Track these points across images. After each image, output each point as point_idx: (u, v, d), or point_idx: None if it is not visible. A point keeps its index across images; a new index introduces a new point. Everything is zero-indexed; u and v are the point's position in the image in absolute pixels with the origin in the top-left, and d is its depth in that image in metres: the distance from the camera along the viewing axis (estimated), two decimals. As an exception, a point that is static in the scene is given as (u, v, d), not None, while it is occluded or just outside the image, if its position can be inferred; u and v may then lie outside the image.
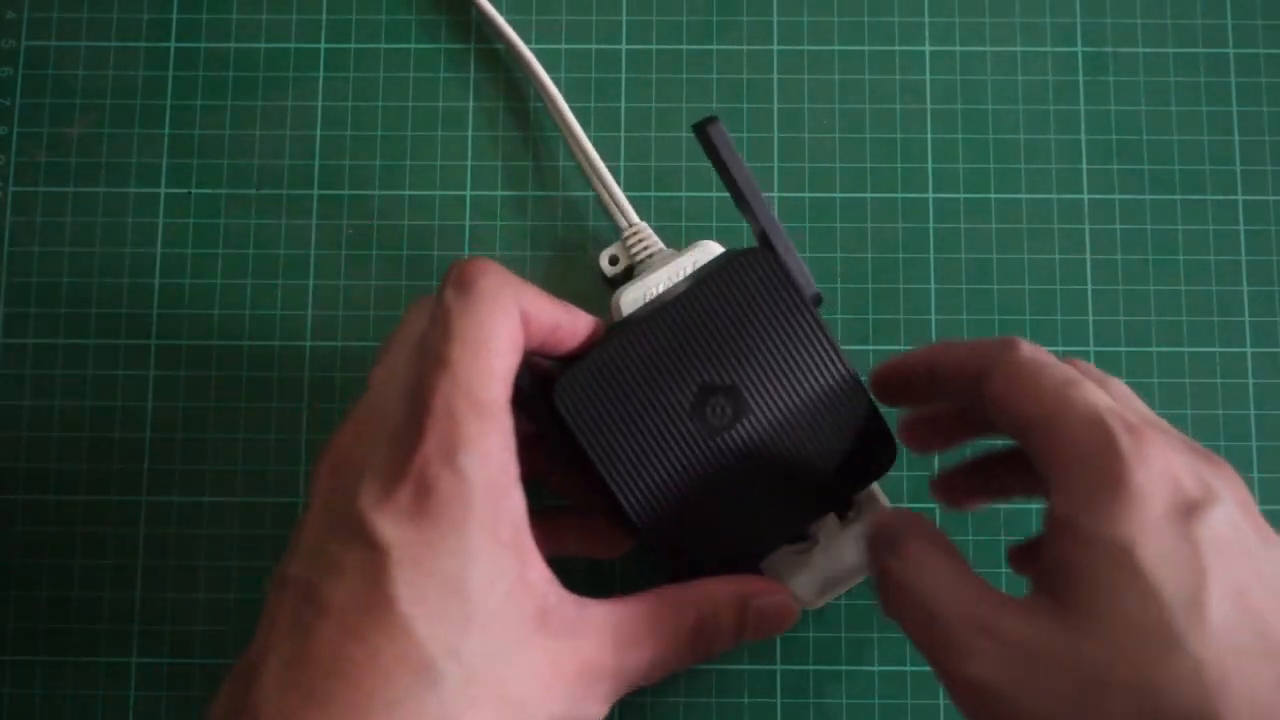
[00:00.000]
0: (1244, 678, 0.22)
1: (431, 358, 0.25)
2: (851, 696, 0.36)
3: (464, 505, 0.24)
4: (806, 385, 0.29)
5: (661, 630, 0.27)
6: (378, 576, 0.23)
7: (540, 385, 0.29)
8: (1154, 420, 0.26)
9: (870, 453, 0.29)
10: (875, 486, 0.33)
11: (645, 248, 0.36)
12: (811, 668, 0.36)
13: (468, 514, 0.24)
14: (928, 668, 0.36)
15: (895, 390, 0.30)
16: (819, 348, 0.29)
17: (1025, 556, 0.31)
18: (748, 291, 0.29)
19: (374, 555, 0.23)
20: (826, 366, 0.29)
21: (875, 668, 0.36)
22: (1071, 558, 0.23)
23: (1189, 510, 0.23)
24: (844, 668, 0.36)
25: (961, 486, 0.32)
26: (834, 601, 0.36)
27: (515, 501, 0.25)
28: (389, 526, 0.23)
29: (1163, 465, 0.23)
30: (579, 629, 0.26)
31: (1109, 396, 0.25)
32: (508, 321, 0.26)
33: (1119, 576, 0.23)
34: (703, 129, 0.29)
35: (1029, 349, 0.27)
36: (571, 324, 0.29)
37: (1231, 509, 0.23)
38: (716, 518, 0.29)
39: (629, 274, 0.36)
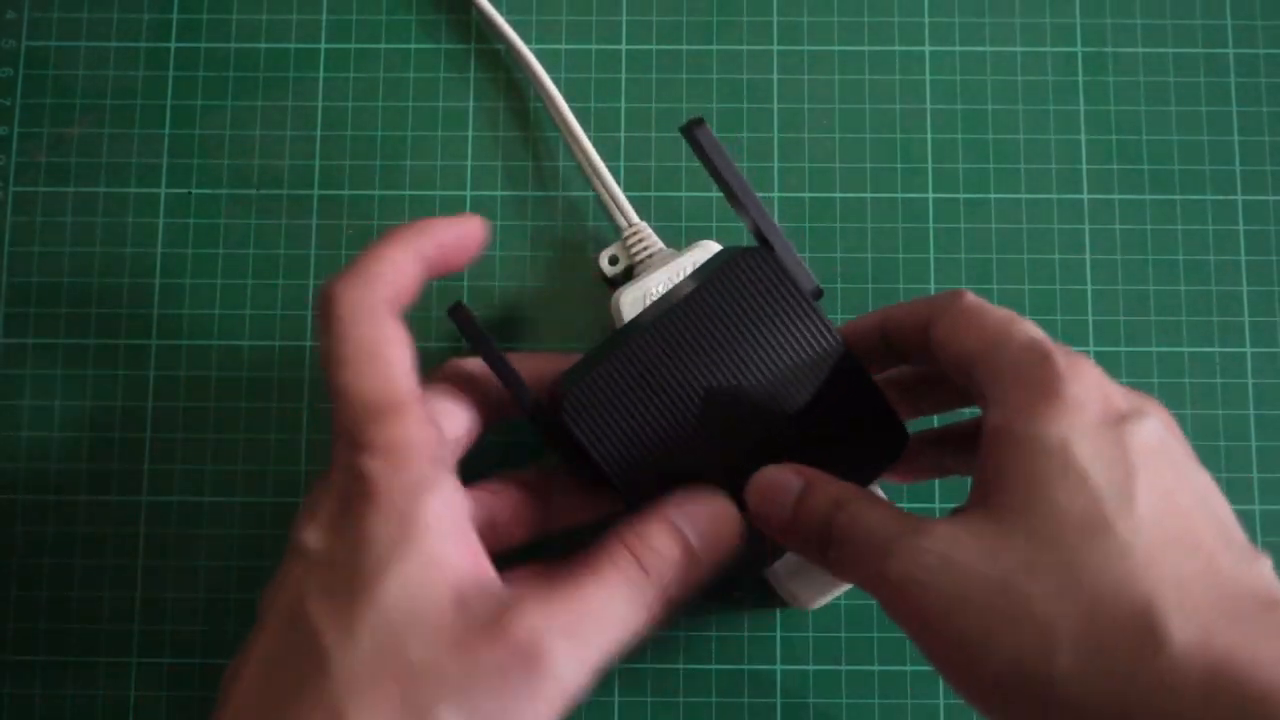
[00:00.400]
0: (1170, 564, 0.22)
1: (330, 388, 0.27)
2: (851, 696, 0.36)
3: (370, 502, 0.25)
4: (812, 378, 0.29)
5: (601, 581, 0.26)
6: (300, 586, 0.25)
7: (550, 408, 0.29)
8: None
9: (881, 440, 0.30)
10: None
11: (645, 248, 0.36)
12: (811, 668, 0.36)
13: (373, 509, 0.25)
14: (928, 667, 0.36)
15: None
16: (821, 340, 0.29)
17: (938, 444, 0.32)
18: (746, 291, 0.29)
19: (294, 562, 0.26)
20: (830, 358, 0.29)
21: (875, 668, 0.36)
22: (1003, 461, 0.24)
23: (1120, 419, 0.24)
24: (844, 668, 0.36)
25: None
26: (834, 601, 0.36)
27: (436, 492, 0.26)
28: (310, 537, 0.26)
29: (1096, 381, 0.25)
30: (503, 598, 0.25)
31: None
32: (373, 322, 0.27)
33: (1051, 470, 0.23)
34: (689, 131, 0.29)
35: (973, 297, 0.28)
36: (457, 235, 0.29)
37: (1159, 425, 0.25)
38: None
39: (629, 274, 0.36)
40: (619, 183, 0.38)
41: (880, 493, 0.33)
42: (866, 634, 0.36)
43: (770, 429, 0.29)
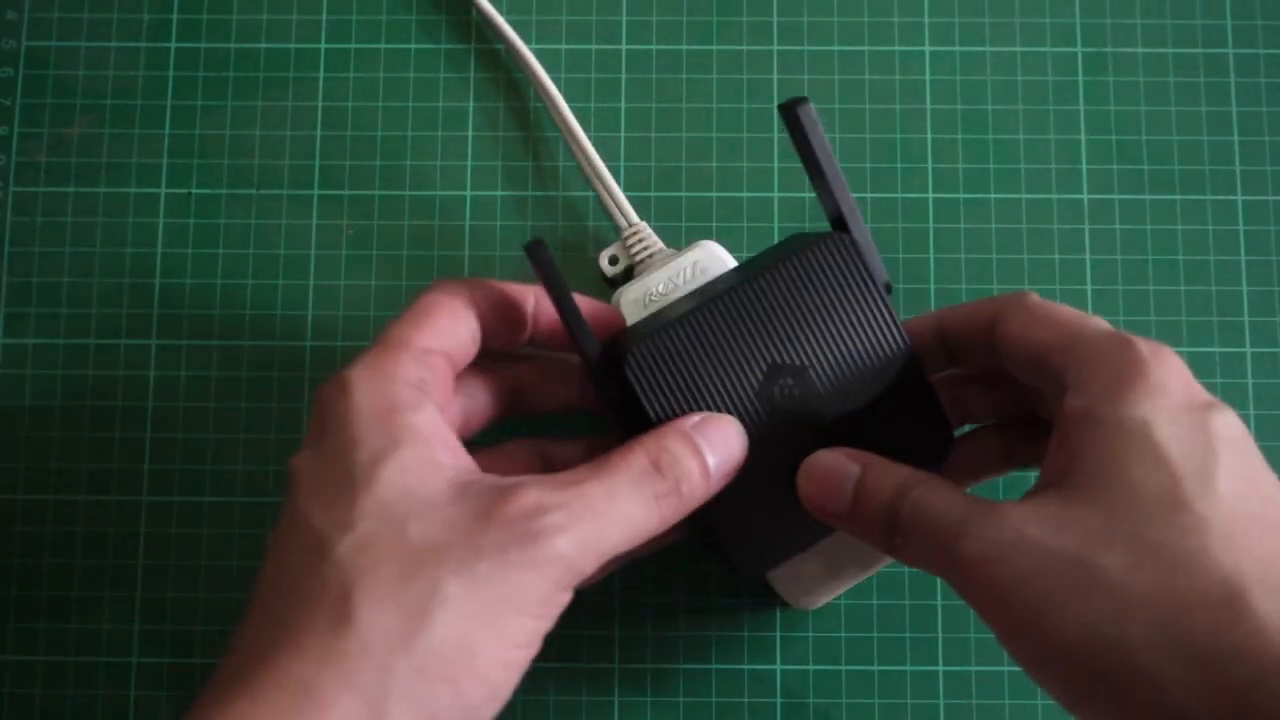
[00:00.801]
0: (1251, 542, 0.22)
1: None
2: (851, 696, 0.36)
3: (351, 415, 0.26)
4: (874, 370, 0.29)
5: (610, 472, 0.26)
6: (291, 502, 0.26)
7: (609, 357, 0.29)
8: None
9: (927, 441, 0.30)
10: None
11: (645, 248, 0.36)
12: (811, 668, 0.36)
13: (354, 419, 0.26)
14: (928, 667, 0.36)
15: None
16: (889, 335, 0.29)
17: (1005, 432, 0.32)
18: (824, 275, 0.29)
19: (290, 488, 0.26)
20: (895, 354, 0.30)
21: (875, 668, 0.36)
22: (1081, 442, 0.24)
23: (1204, 406, 0.24)
24: (844, 668, 0.36)
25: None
26: (834, 601, 0.36)
27: (419, 409, 0.26)
28: (300, 462, 0.26)
29: (1179, 369, 0.25)
30: (503, 485, 0.25)
31: None
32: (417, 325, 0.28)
33: (1131, 449, 0.23)
34: (792, 110, 0.29)
35: (1039, 297, 0.28)
36: (512, 304, 0.30)
37: (1239, 419, 0.25)
38: (774, 494, 0.29)
39: (629, 274, 0.36)
40: (619, 183, 0.38)
41: None
42: (866, 634, 0.36)
43: (821, 414, 0.29)
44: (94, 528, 0.37)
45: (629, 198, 0.37)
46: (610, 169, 0.38)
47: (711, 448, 0.27)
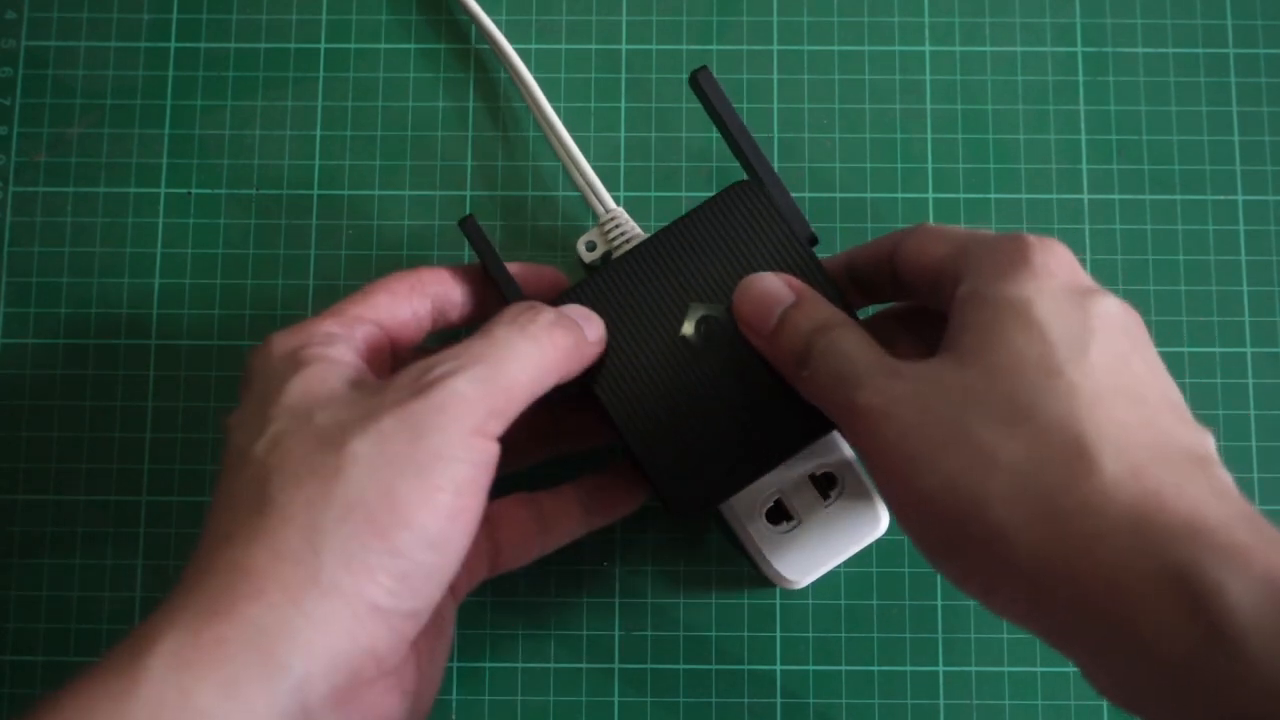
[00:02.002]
0: (1113, 409, 0.23)
1: None
2: (851, 696, 0.36)
3: (266, 362, 0.28)
4: None
5: (492, 327, 0.28)
6: (224, 446, 0.27)
7: None
8: None
9: None
10: (845, 447, 0.33)
11: (622, 233, 0.36)
12: (811, 668, 0.36)
13: (269, 363, 0.27)
14: (928, 668, 0.36)
15: None
16: (804, 271, 0.30)
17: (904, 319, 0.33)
18: (734, 218, 0.30)
19: (225, 438, 0.27)
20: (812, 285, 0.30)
21: (875, 668, 0.36)
22: (970, 317, 0.25)
23: (1086, 291, 0.25)
24: (844, 668, 0.36)
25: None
26: (834, 602, 0.36)
27: (330, 346, 0.28)
28: (231, 417, 0.27)
29: (1066, 258, 0.26)
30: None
31: None
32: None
33: (1013, 322, 0.24)
34: (694, 78, 0.31)
35: (936, 224, 0.29)
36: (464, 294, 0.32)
37: (1122, 305, 0.26)
38: (710, 435, 0.30)
39: (607, 260, 0.36)
40: (619, 182, 0.38)
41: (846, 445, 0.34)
42: (866, 634, 0.36)
43: (742, 349, 0.30)
44: (94, 528, 0.37)
45: (629, 198, 0.37)
46: (610, 169, 0.38)
47: (583, 319, 0.29)
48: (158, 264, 0.38)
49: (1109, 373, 0.24)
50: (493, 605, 0.36)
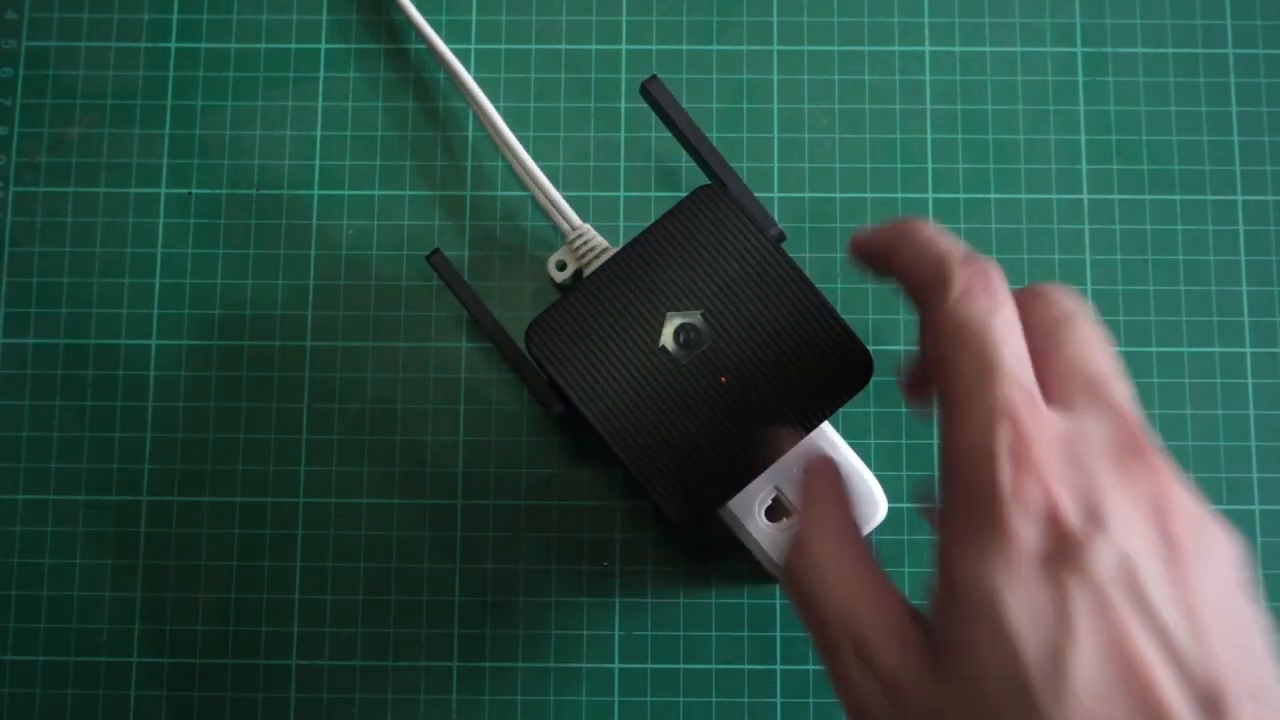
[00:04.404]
0: None
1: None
2: (851, 696, 0.36)
3: None
4: (769, 307, 0.30)
5: None
6: None
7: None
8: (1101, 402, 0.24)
9: (845, 368, 0.30)
10: (837, 438, 0.33)
11: (591, 249, 0.36)
12: (811, 668, 0.36)
13: None
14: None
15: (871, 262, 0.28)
16: (780, 270, 0.30)
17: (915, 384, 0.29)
18: (701, 223, 0.30)
19: None
20: (791, 288, 0.30)
21: (875, 668, 0.36)
22: (944, 601, 0.22)
23: (1064, 553, 0.20)
24: (844, 668, 0.36)
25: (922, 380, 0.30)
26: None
27: None
28: None
29: (1041, 501, 0.21)
30: None
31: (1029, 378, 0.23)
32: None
33: (983, 628, 0.21)
34: (644, 88, 0.32)
35: (957, 296, 0.25)
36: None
37: (1123, 540, 0.20)
38: (703, 442, 0.30)
39: (579, 277, 0.36)
40: (620, 183, 0.38)
41: (841, 442, 0.33)
42: (866, 634, 0.36)
43: (729, 356, 0.30)
44: (95, 528, 0.37)
45: (627, 198, 0.37)
46: (610, 169, 0.38)
47: None
48: (158, 264, 0.38)
49: (1100, 692, 0.19)
50: (493, 605, 0.36)
